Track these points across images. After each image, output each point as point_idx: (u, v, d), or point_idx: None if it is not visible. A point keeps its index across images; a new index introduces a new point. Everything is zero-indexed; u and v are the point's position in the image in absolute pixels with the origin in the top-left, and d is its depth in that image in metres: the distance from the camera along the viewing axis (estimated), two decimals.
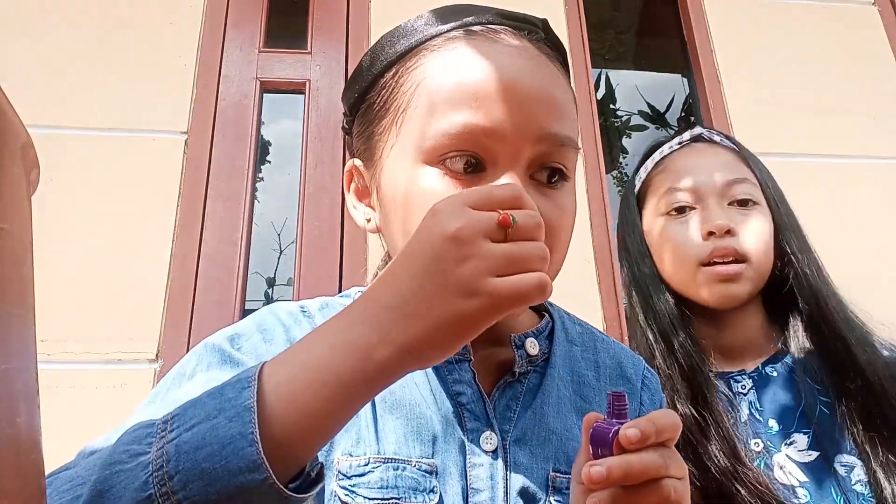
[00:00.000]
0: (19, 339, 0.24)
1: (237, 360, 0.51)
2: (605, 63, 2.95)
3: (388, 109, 0.55)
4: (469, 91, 0.50)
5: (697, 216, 0.86)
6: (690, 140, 0.94)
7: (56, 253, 1.46)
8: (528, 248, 0.39)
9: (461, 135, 0.50)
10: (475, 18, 0.55)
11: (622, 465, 0.41)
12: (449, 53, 0.53)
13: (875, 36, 2.06)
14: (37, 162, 0.28)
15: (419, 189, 0.51)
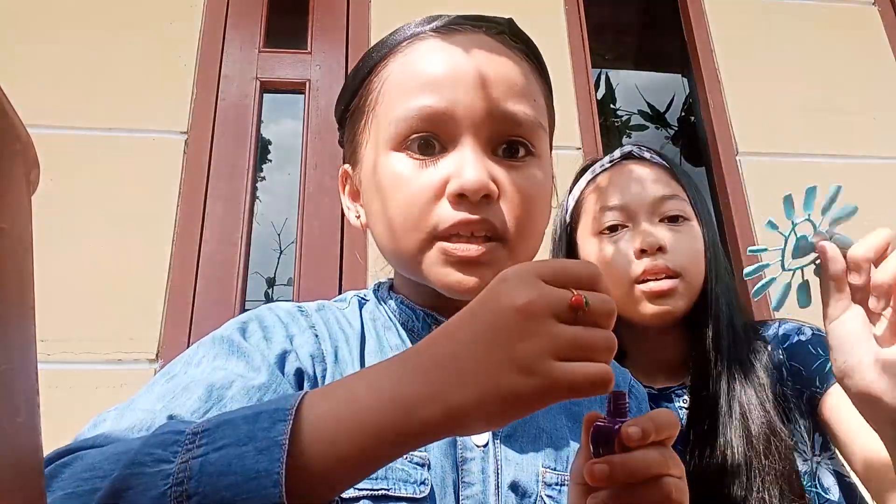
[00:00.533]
0: (19, 339, 0.24)
1: (245, 351, 0.51)
2: (605, 63, 2.95)
3: (363, 111, 0.59)
4: (424, 79, 0.54)
5: (629, 234, 0.86)
6: (621, 158, 0.94)
7: (56, 253, 1.46)
8: (595, 336, 0.37)
9: (418, 118, 0.52)
10: (439, 23, 0.59)
11: (625, 462, 0.41)
12: (410, 53, 0.57)
13: (875, 36, 2.06)
14: (37, 162, 0.28)
15: (387, 173, 0.54)
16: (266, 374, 0.49)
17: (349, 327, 0.59)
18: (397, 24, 0.64)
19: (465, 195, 0.51)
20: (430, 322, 0.59)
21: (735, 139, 1.85)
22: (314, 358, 0.54)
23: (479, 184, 0.51)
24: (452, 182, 0.51)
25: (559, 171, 0.62)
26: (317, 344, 0.55)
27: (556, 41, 1.89)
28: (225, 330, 0.54)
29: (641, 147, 0.95)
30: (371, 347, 0.58)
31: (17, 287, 0.24)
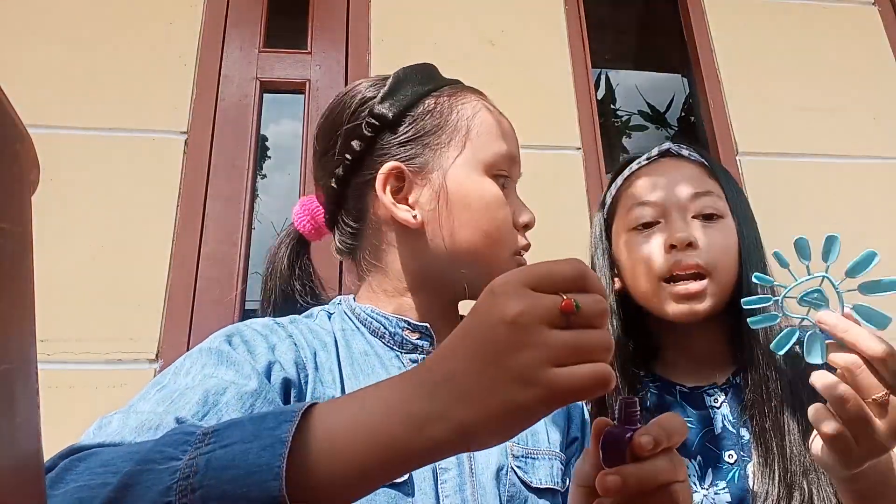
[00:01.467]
0: (19, 338, 0.24)
1: (234, 360, 0.52)
2: (605, 63, 2.95)
3: (443, 127, 0.68)
4: (503, 129, 0.70)
5: (661, 230, 0.86)
6: (658, 156, 0.94)
7: (56, 253, 1.46)
8: (590, 339, 0.37)
9: (506, 157, 0.69)
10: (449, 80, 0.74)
11: (637, 473, 0.41)
12: (479, 99, 0.72)
13: (875, 36, 2.06)
14: (37, 162, 0.28)
15: (488, 195, 0.66)
16: (256, 382, 0.51)
17: (324, 334, 0.63)
18: (397, 24, 0.66)
19: (530, 227, 0.71)
20: (403, 325, 0.65)
21: (735, 139, 1.85)
22: (297, 365, 0.57)
23: (534, 221, 0.72)
24: (525, 216, 0.70)
25: (559, 171, 0.68)
26: (297, 351, 0.58)
27: (556, 41, 1.89)
28: (211, 342, 0.55)
29: (681, 145, 0.95)
30: (343, 353, 0.62)
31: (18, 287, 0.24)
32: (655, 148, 0.95)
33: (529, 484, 0.61)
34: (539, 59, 1.85)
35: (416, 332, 0.65)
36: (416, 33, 1.79)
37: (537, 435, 0.66)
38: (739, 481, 0.78)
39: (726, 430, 0.82)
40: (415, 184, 0.66)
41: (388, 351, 0.65)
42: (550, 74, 1.84)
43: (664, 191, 0.88)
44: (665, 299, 0.83)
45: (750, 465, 0.79)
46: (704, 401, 0.85)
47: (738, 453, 0.80)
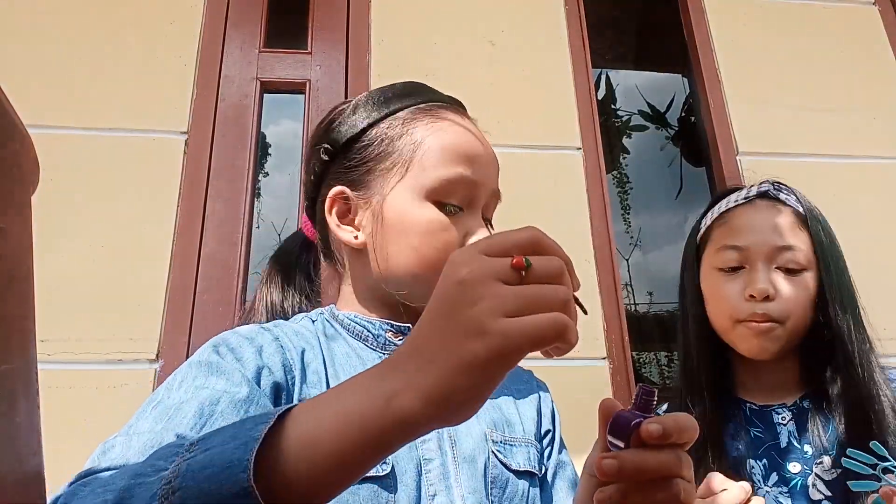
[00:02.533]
0: (19, 338, 0.24)
1: (223, 369, 0.54)
2: (605, 63, 2.95)
3: (387, 154, 0.69)
4: (462, 152, 0.68)
5: (744, 277, 0.92)
6: (756, 196, 0.98)
7: (56, 253, 1.46)
8: (543, 290, 0.38)
9: (456, 182, 0.67)
10: (431, 95, 0.74)
11: (636, 460, 0.41)
12: (440, 121, 0.70)
13: (875, 36, 2.06)
14: (37, 162, 0.28)
15: (424, 219, 0.66)
16: (247, 388, 0.53)
17: (309, 335, 0.66)
18: (397, 25, 0.67)
19: None
20: (386, 328, 0.68)
21: (735, 139, 1.85)
22: (285, 367, 0.59)
23: None
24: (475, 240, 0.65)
25: (559, 171, 0.67)
26: (284, 353, 0.60)
27: (556, 41, 1.89)
28: (199, 355, 0.57)
29: (780, 186, 0.99)
30: (326, 355, 0.65)
31: (18, 287, 0.24)
32: (755, 186, 0.99)
33: (510, 466, 0.65)
34: (539, 59, 1.85)
35: (399, 334, 0.68)
36: (416, 33, 1.79)
37: (513, 426, 0.69)
38: (801, 489, 0.86)
39: (792, 444, 0.90)
40: (359, 207, 0.70)
41: (371, 353, 0.68)
42: (550, 74, 1.84)
43: (752, 237, 0.93)
44: (738, 337, 0.92)
45: (810, 477, 0.86)
46: (772, 418, 0.93)
47: (802, 466, 0.87)
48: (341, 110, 0.75)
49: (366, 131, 0.71)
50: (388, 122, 0.71)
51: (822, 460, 0.87)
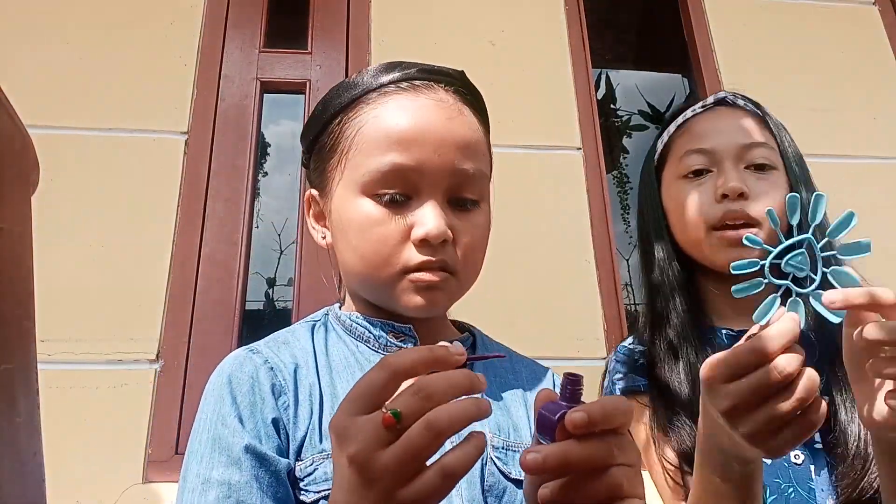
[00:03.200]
0: (19, 339, 0.24)
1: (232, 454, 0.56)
2: (605, 63, 2.95)
3: (335, 150, 0.68)
4: (395, 137, 0.63)
5: (713, 179, 0.87)
6: (714, 104, 0.94)
7: (56, 253, 1.46)
8: (416, 444, 0.38)
9: (389, 171, 0.62)
10: (402, 74, 0.68)
11: (559, 453, 0.39)
12: (380, 107, 0.66)
13: (875, 36, 2.06)
14: (37, 162, 0.28)
15: (360, 214, 0.64)
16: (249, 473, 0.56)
17: (301, 350, 0.66)
18: (397, 25, 0.67)
19: (428, 240, 0.62)
20: (388, 329, 0.68)
21: None
22: (274, 392, 0.60)
23: (440, 233, 0.62)
24: (418, 229, 0.62)
25: (559, 171, 0.66)
26: (273, 377, 0.61)
27: (556, 41, 1.89)
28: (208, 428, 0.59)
29: (736, 94, 0.95)
30: (321, 364, 0.65)
31: (18, 287, 0.24)
32: (711, 96, 0.95)
33: (508, 475, 0.62)
34: (539, 59, 1.85)
35: (401, 335, 0.68)
36: (416, 33, 1.79)
37: (520, 431, 0.66)
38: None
39: None
40: (324, 208, 0.71)
41: (373, 354, 0.67)
42: (550, 74, 1.84)
43: (717, 139, 0.88)
44: (714, 247, 0.85)
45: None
46: None
47: None
48: (314, 109, 0.74)
49: (324, 129, 0.70)
50: (339, 117, 0.69)
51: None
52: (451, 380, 0.40)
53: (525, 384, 0.73)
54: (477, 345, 0.74)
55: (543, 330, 1.51)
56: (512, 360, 0.77)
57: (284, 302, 3.10)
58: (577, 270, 1.61)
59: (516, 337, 0.83)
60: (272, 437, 0.57)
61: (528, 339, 1.41)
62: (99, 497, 1.28)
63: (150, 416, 1.38)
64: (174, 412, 1.39)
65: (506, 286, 1.53)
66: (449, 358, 0.42)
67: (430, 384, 0.40)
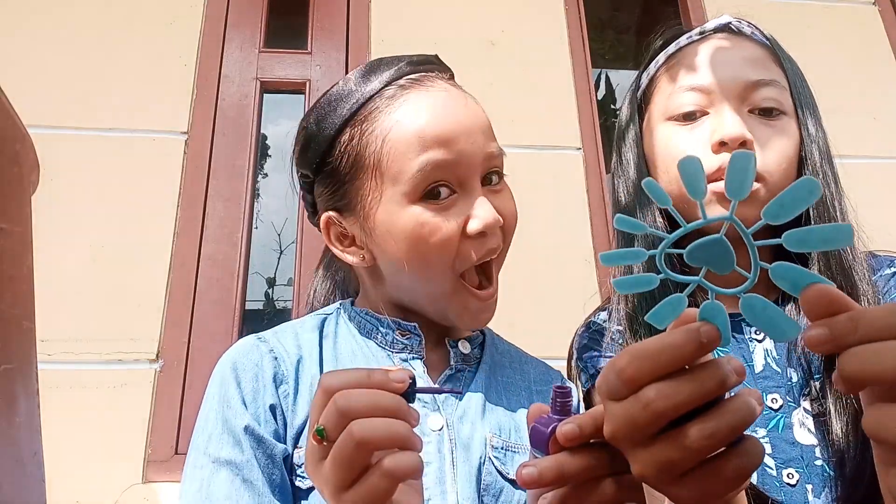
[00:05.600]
0: (19, 339, 0.24)
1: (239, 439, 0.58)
2: (605, 63, 2.95)
3: (359, 167, 0.64)
4: (429, 137, 0.61)
5: (709, 122, 0.71)
6: (713, 30, 0.77)
7: (56, 253, 1.46)
8: (340, 454, 0.42)
9: (432, 171, 0.61)
10: (396, 72, 0.67)
11: (554, 467, 0.39)
12: (398, 110, 0.64)
13: (875, 36, 2.06)
14: (37, 162, 0.28)
15: (414, 225, 0.62)
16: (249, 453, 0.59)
17: (307, 342, 0.67)
18: (397, 25, 0.66)
19: (485, 231, 0.62)
20: (395, 327, 0.68)
21: None
22: (276, 381, 0.62)
23: (496, 220, 0.63)
24: (474, 223, 0.62)
25: (559, 171, 0.65)
26: (277, 366, 0.63)
27: (556, 41, 1.89)
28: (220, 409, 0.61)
29: (741, 20, 0.78)
30: (327, 357, 0.66)
31: (18, 287, 0.24)
32: (711, 21, 0.77)
33: (506, 475, 0.62)
34: (539, 59, 1.85)
35: (405, 333, 0.68)
36: (416, 33, 1.79)
37: (521, 431, 0.66)
38: (784, 431, 0.66)
39: (769, 368, 0.68)
40: (352, 227, 0.67)
41: (380, 350, 0.67)
42: (550, 74, 1.84)
43: (717, 74, 0.71)
44: (707, 202, 0.66)
45: (796, 413, 0.66)
46: (743, 330, 0.70)
47: (785, 398, 0.66)
48: (307, 130, 0.69)
49: (332, 147, 0.67)
50: (348, 132, 0.65)
51: (812, 387, 0.66)
52: (373, 397, 0.43)
53: (533, 384, 0.73)
54: (486, 344, 0.73)
55: (543, 329, 1.51)
56: (520, 360, 0.76)
57: (284, 302, 3.10)
58: (577, 270, 1.61)
59: (515, 336, 0.83)
60: (269, 422, 0.60)
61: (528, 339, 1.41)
62: (99, 497, 1.28)
63: (150, 416, 1.38)
64: (174, 412, 1.39)
65: (505, 286, 1.53)
66: (387, 384, 0.44)
67: (349, 400, 0.42)
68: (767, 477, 0.64)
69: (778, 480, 0.65)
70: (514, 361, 0.75)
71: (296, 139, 0.71)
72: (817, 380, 0.66)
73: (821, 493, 0.64)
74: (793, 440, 0.65)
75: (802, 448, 0.65)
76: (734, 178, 0.36)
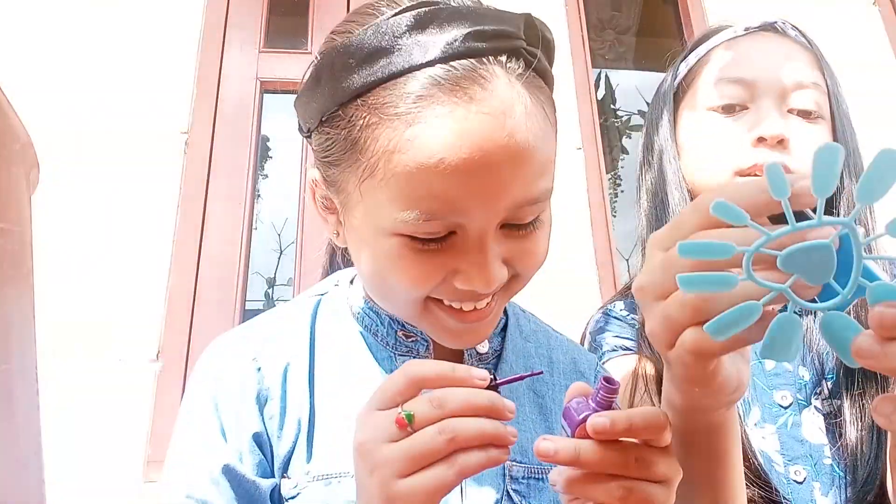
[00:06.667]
0: (19, 339, 0.24)
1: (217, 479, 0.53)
2: (605, 63, 2.95)
3: (356, 150, 0.50)
4: (440, 171, 0.46)
5: (748, 117, 0.70)
6: (759, 28, 0.78)
7: (56, 253, 1.46)
8: (424, 443, 0.40)
9: (430, 211, 0.47)
10: (450, 46, 0.47)
11: (571, 450, 0.39)
12: (416, 123, 0.46)
13: (875, 36, 2.06)
14: (37, 162, 0.28)
15: (387, 254, 0.50)
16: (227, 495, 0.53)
17: (296, 341, 0.59)
18: None
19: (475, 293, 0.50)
20: (396, 328, 0.59)
21: None
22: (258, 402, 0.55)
23: (492, 287, 0.50)
24: (463, 281, 0.49)
25: (559, 171, 0.57)
26: (261, 380, 0.56)
27: (556, 41, 1.89)
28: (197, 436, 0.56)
29: (786, 22, 0.80)
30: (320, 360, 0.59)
31: (18, 287, 0.24)
32: (756, 19, 0.80)
33: None
34: None
35: (411, 336, 0.59)
36: None
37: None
38: (793, 429, 0.65)
39: (780, 366, 0.68)
40: (335, 202, 0.55)
41: (382, 350, 0.59)
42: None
43: (761, 70, 0.72)
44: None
45: (807, 412, 0.66)
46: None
47: (795, 396, 0.66)
48: (321, 66, 0.52)
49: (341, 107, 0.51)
50: (361, 104, 0.49)
51: (824, 387, 0.66)
52: (469, 396, 0.41)
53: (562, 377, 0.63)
54: (509, 329, 0.62)
55: None
56: (548, 345, 0.65)
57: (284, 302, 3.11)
58: (577, 270, 1.61)
59: None
60: (254, 454, 0.54)
61: None
62: (99, 497, 1.28)
63: (150, 416, 1.38)
64: (174, 412, 1.39)
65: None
66: (468, 381, 0.42)
67: (447, 396, 0.41)
68: (774, 472, 0.64)
69: (785, 477, 0.64)
70: (539, 347, 0.64)
71: (312, 67, 0.54)
72: (829, 380, 0.65)
73: (828, 491, 0.64)
74: (801, 438, 0.65)
75: (811, 446, 0.65)
76: (821, 173, 0.33)
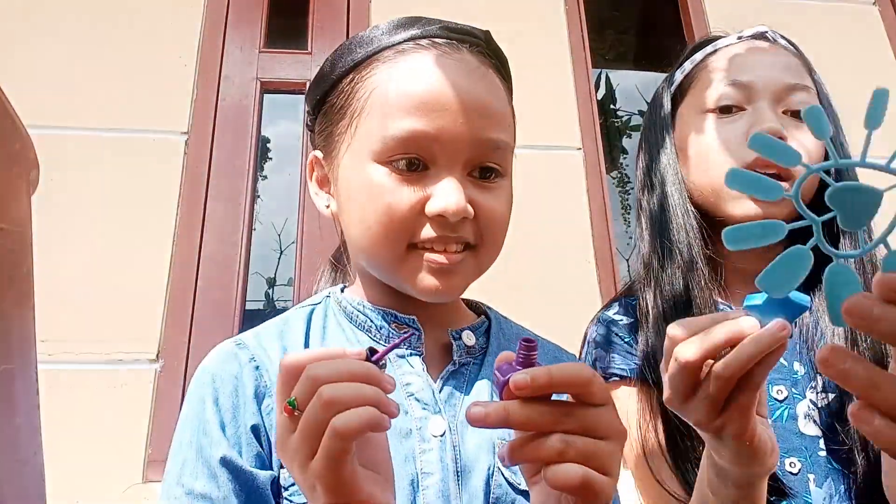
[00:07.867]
0: (19, 339, 0.24)
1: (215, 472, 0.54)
2: (605, 63, 2.95)
3: (344, 113, 0.62)
4: (413, 101, 0.57)
5: (746, 118, 0.75)
6: (751, 37, 0.83)
7: (56, 253, 1.46)
8: (307, 419, 0.41)
9: (406, 139, 0.56)
10: (422, 31, 0.62)
11: (501, 411, 0.40)
12: (397, 66, 0.59)
13: (875, 36, 2.06)
14: (37, 162, 0.28)
15: (369, 182, 0.57)
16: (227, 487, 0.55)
17: (293, 343, 0.62)
18: None
19: (446, 217, 0.56)
20: (389, 319, 0.62)
21: None
22: (257, 397, 0.57)
23: (459, 208, 0.56)
24: (434, 203, 0.56)
25: (559, 171, 0.62)
26: (258, 378, 0.58)
27: (556, 41, 1.89)
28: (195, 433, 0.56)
29: (775, 31, 0.84)
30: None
31: (18, 287, 0.24)
32: (748, 29, 0.84)
33: (517, 486, 0.56)
34: (539, 59, 1.85)
35: (402, 326, 0.62)
36: None
37: None
38: (788, 422, 0.68)
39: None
40: (329, 174, 0.64)
41: (375, 345, 0.59)
42: (550, 74, 1.84)
43: (757, 73, 0.76)
44: (733, 195, 0.72)
45: (801, 405, 0.69)
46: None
47: (790, 390, 0.69)
48: (322, 67, 0.69)
49: (335, 87, 0.65)
50: (351, 76, 0.63)
51: (818, 382, 0.69)
52: (340, 363, 0.42)
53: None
54: (492, 330, 0.67)
55: (542, 329, 1.51)
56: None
57: (284, 302, 3.10)
58: (577, 270, 1.61)
59: None
60: (252, 446, 0.55)
61: None
62: (99, 497, 1.28)
63: (150, 416, 1.38)
64: (174, 412, 1.40)
65: (505, 285, 1.53)
66: (341, 355, 0.43)
67: (317, 367, 0.42)
68: None
69: (780, 469, 0.66)
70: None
71: (321, 67, 0.70)
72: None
73: (822, 483, 0.66)
74: (796, 431, 0.68)
75: (806, 439, 0.67)
76: (873, 112, 0.35)
